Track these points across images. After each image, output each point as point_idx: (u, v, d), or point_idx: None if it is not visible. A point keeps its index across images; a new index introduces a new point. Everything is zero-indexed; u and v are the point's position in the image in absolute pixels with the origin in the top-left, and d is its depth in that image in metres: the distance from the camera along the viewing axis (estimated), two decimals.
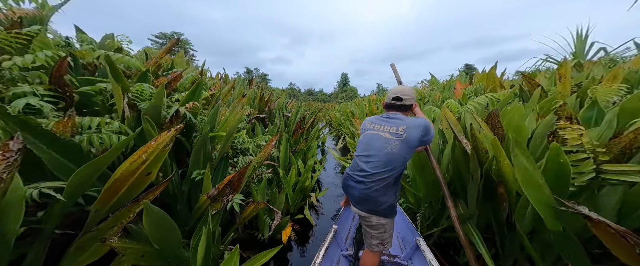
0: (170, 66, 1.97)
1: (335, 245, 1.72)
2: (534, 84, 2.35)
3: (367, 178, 1.13)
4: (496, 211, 1.38)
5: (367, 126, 1.27)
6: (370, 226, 1.18)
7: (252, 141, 2.79)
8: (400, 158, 1.12)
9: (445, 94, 3.98)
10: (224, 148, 1.67)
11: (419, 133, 1.13)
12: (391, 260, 1.59)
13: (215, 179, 1.67)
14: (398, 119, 1.18)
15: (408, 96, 1.21)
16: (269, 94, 4.92)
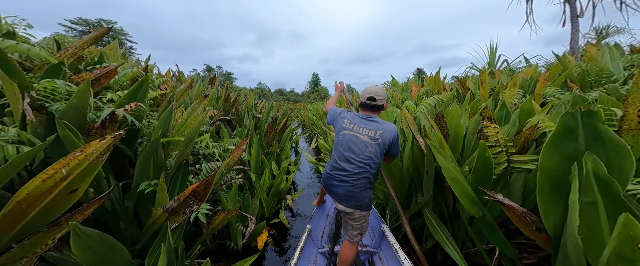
0: (99, 60, 1.61)
1: (311, 244, 1.75)
2: (466, 87, 2.82)
3: (350, 176, 1.20)
4: (446, 202, 1.59)
5: (346, 124, 1.28)
6: (353, 219, 1.25)
7: (218, 145, 2.54)
8: (377, 159, 1.21)
9: (404, 95, 4.43)
10: (182, 154, 1.45)
11: (392, 137, 1.22)
12: (363, 249, 1.67)
13: (173, 190, 1.44)
14: (376, 122, 1.24)
15: (381, 97, 1.27)
16: (235, 94, 4.56)
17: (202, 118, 1.52)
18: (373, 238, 1.82)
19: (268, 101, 7.79)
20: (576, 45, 5.29)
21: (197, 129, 1.51)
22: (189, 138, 1.45)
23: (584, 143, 0.90)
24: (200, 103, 1.79)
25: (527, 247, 1.45)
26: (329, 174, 1.27)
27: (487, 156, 1.24)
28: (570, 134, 0.92)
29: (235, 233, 1.99)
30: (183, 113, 1.71)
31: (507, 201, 1.05)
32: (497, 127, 1.33)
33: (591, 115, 0.90)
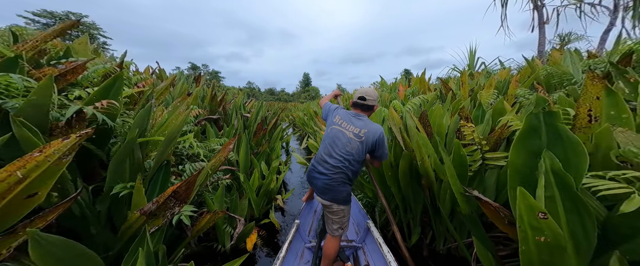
0: (64, 54, 1.47)
1: (298, 239, 1.79)
2: (448, 88, 2.94)
3: (329, 170, 1.25)
4: (425, 198, 1.65)
5: (336, 120, 1.34)
6: (332, 212, 1.31)
7: (203, 145, 2.45)
8: (358, 157, 1.24)
9: (392, 95, 4.53)
10: (162, 155, 1.37)
11: (375, 138, 1.24)
12: (349, 244, 1.73)
13: (152, 193, 1.36)
14: (363, 121, 1.29)
15: (371, 97, 1.33)
16: (222, 92, 4.42)
17: (184, 117, 1.45)
18: (358, 234, 1.87)
19: (258, 101, 7.64)
20: (543, 49, 5.72)
21: (179, 128, 1.43)
22: (169, 137, 1.38)
23: (547, 141, 0.96)
24: (183, 101, 1.71)
25: (502, 239, 1.52)
26: (313, 166, 1.33)
27: (462, 154, 1.30)
28: (534, 133, 0.98)
29: (222, 235, 1.92)
30: (164, 112, 1.62)
31: (483, 197, 1.10)
32: (472, 126, 1.39)
33: (552, 115, 0.96)
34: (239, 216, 1.98)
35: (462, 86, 2.71)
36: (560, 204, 0.85)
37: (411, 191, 1.69)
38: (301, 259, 1.64)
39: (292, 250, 1.62)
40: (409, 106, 2.24)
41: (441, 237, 1.73)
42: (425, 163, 1.43)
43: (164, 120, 1.52)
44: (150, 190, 1.39)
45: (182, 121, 1.44)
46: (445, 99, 2.83)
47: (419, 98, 2.32)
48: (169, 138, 1.37)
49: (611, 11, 5.76)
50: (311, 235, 1.92)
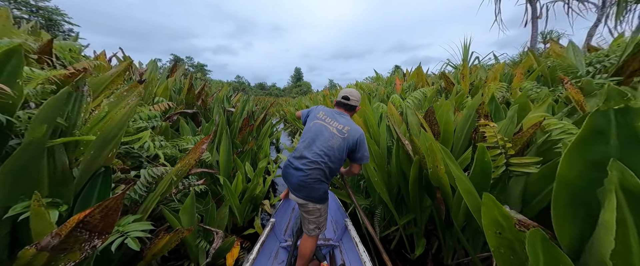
0: None
1: (273, 238, 1.73)
2: (449, 81, 2.72)
3: (306, 165, 1.19)
4: (437, 211, 1.41)
5: (320, 115, 1.31)
6: (308, 211, 1.26)
7: (171, 144, 2.05)
8: (338, 154, 1.21)
9: (388, 89, 4.30)
10: (95, 159, 1.00)
11: (357, 136, 1.22)
12: (326, 243, 1.70)
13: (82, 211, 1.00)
14: (346, 119, 1.28)
15: (354, 98, 1.32)
16: (201, 84, 3.93)
17: (129, 110, 1.07)
18: (336, 232, 1.84)
19: (246, 94, 7.12)
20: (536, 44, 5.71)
21: (121, 124, 1.06)
22: (105, 136, 1.01)
23: (617, 148, 0.72)
24: (132, 90, 1.31)
25: None
26: (289, 162, 1.28)
27: (487, 161, 1.07)
28: (599, 137, 0.74)
29: (194, 252, 1.59)
30: (102, 103, 1.22)
31: (520, 216, 0.87)
32: (495, 126, 1.15)
33: (628, 113, 0.72)
34: (215, 229, 1.65)
35: (462, 79, 2.50)
36: (635, 232, 0.61)
37: (418, 201, 1.45)
38: (275, 259, 1.58)
39: (265, 250, 1.55)
40: (410, 100, 1.99)
41: (450, 250, 1.52)
42: (440, 172, 1.18)
43: (101, 114, 1.13)
44: (81, 206, 1.02)
45: (126, 115, 1.06)
46: (444, 94, 2.62)
47: (420, 91, 2.07)
48: (106, 137, 1.00)
49: (599, 8, 5.85)
50: (287, 233, 1.86)
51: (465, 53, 4.94)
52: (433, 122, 1.47)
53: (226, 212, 1.88)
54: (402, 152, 1.42)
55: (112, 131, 1.02)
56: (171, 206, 1.56)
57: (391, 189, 1.67)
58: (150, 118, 1.95)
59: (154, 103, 2.32)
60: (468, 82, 2.46)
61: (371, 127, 1.86)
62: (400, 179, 1.54)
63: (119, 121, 1.04)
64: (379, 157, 1.63)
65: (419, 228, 1.52)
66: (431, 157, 1.19)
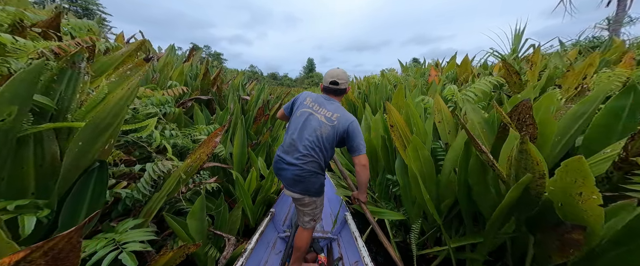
0: None
1: (271, 228, 1.73)
2: (512, 71, 2.23)
3: (299, 159, 1.13)
4: (541, 246, 1.01)
5: (307, 102, 1.22)
6: (303, 205, 1.21)
7: (183, 133, 1.85)
8: (329, 143, 1.13)
9: (420, 81, 3.83)
10: (87, 152, 0.79)
11: (347, 124, 1.13)
12: (324, 235, 1.69)
13: (72, 214, 0.80)
14: (335, 105, 1.18)
15: (343, 81, 1.22)
16: (217, 70, 3.73)
17: (128, 93, 0.84)
18: (335, 225, 1.81)
19: (259, 83, 6.91)
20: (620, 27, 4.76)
21: (120, 109, 0.83)
22: (99, 124, 0.78)
23: None
24: (136, 69, 1.07)
25: None
26: (279, 157, 1.22)
27: None
28: None
29: (203, 260, 1.40)
30: (101, 83, 1.00)
31: None
32: None
33: None
34: (227, 234, 1.46)
35: (531, 68, 2.02)
36: None
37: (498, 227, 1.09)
38: (273, 249, 1.59)
39: (263, 240, 1.55)
40: (470, 93, 1.59)
41: None
42: (588, 205, 0.71)
43: (99, 96, 0.90)
44: (68, 210, 0.82)
45: (125, 99, 0.83)
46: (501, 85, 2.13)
47: (486, 81, 1.64)
48: (98, 125, 0.77)
49: None
50: (286, 224, 1.86)
51: (517, 41, 4.26)
52: (524, 122, 1.07)
53: (239, 214, 1.68)
54: (474, 162, 1.08)
55: (107, 117, 0.80)
56: (179, 207, 1.37)
57: (439, 201, 1.35)
58: (162, 104, 1.76)
59: (167, 87, 2.13)
60: (537, 72, 1.98)
61: (415, 126, 1.51)
62: (463, 194, 1.21)
63: (115, 106, 0.81)
64: (426, 163, 1.31)
65: (480, 255, 1.20)
66: (566, 180, 0.74)
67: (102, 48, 1.83)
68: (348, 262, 1.45)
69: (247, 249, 1.30)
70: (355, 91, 4.96)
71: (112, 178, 1.11)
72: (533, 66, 2.01)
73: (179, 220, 1.14)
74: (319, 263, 1.49)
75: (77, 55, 0.93)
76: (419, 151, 1.27)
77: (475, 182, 1.10)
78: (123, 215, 1.16)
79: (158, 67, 2.65)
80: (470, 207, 1.24)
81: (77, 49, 0.92)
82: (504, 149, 1.03)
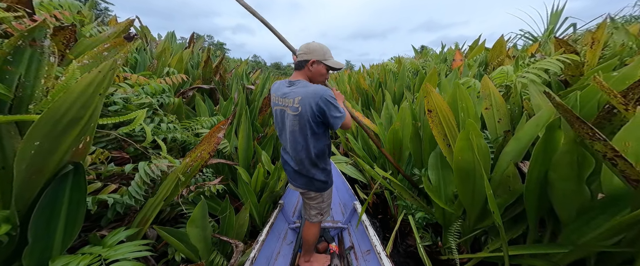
0: None
1: (281, 220, 1.73)
2: (570, 49, 1.88)
3: (292, 159, 1.09)
4: None
5: (273, 99, 1.09)
6: (309, 198, 1.19)
7: (184, 126, 1.67)
8: (306, 135, 0.99)
9: (441, 67, 3.48)
10: (47, 153, 0.61)
11: (314, 101, 0.93)
12: (334, 225, 1.69)
13: (37, 233, 0.65)
14: (295, 88, 1.00)
15: (302, 51, 1.00)
16: (219, 57, 3.48)
17: (98, 78, 0.63)
18: (344, 214, 1.83)
19: (263, 72, 6.63)
20: None
21: (88, 99, 0.63)
22: (60, 117, 0.59)
23: None
24: (115, 49, 0.86)
25: None
26: (281, 154, 1.20)
27: None
28: None
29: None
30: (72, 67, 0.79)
31: None
32: None
33: None
34: (234, 240, 1.31)
35: (592, 46, 1.68)
36: None
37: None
38: (284, 240, 1.59)
39: (274, 231, 1.56)
40: (532, 74, 1.28)
41: None
42: None
43: (70, 81, 0.70)
44: (41, 224, 0.66)
45: (95, 85, 0.62)
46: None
47: (557, 59, 1.31)
48: (58, 119, 0.58)
49: None
50: (295, 215, 1.86)
51: (554, 20, 3.76)
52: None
53: (246, 217, 1.52)
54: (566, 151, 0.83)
55: (71, 109, 0.60)
56: (179, 211, 1.21)
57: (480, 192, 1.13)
58: (157, 93, 1.56)
59: (164, 75, 1.93)
60: (599, 50, 1.65)
61: (462, 111, 1.22)
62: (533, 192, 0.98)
63: (81, 94, 0.61)
64: (482, 153, 1.05)
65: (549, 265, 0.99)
66: None
67: (93, 33, 1.62)
68: (360, 251, 1.45)
69: (259, 240, 1.32)
70: (366, 79, 4.64)
71: (99, 180, 0.94)
72: (595, 44, 1.66)
73: (175, 230, 0.98)
74: (331, 252, 1.47)
75: (37, 30, 0.73)
76: (474, 139, 1.01)
77: (560, 178, 0.87)
78: (115, 222, 1.02)
79: (156, 54, 2.44)
80: (540, 208, 1.02)
81: (37, 23, 0.71)
82: (623, 138, 0.77)
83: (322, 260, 1.38)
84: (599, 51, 1.67)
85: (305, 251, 1.34)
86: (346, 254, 1.45)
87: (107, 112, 1.17)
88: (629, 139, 0.77)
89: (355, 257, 1.44)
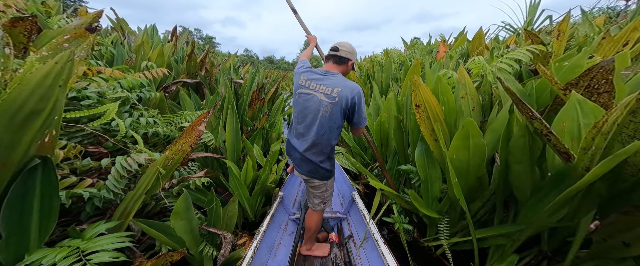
0: None
1: (281, 211, 1.74)
2: (537, 40, 1.92)
3: (306, 144, 1.09)
4: None
5: (302, 81, 1.12)
6: (313, 187, 1.20)
7: (167, 120, 1.64)
8: (335, 122, 1.05)
9: (426, 59, 3.49)
10: (12, 146, 0.59)
11: (352, 95, 1.02)
12: (333, 215, 1.71)
13: (18, 226, 0.64)
14: (335, 78, 1.06)
15: (345, 49, 1.11)
16: (205, 51, 3.36)
17: (55, 68, 0.60)
18: (343, 205, 1.86)
19: (254, 67, 6.47)
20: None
21: (47, 90, 0.60)
22: (17, 110, 0.57)
23: None
24: (76, 41, 0.82)
25: None
26: (288, 141, 1.22)
27: None
28: None
29: (198, 260, 1.29)
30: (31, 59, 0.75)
31: None
32: None
33: None
34: (222, 231, 1.33)
35: (558, 37, 1.73)
36: None
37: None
38: (285, 230, 1.61)
39: (275, 222, 1.58)
40: (504, 64, 1.31)
41: None
42: None
43: (28, 73, 0.67)
44: (13, 219, 0.65)
45: (52, 75, 0.60)
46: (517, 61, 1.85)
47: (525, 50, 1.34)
48: (15, 112, 0.56)
49: None
50: (295, 206, 1.88)
51: (532, 12, 3.82)
52: (597, 89, 0.84)
53: (235, 208, 1.53)
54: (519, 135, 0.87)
55: (28, 101, 0.58)
56: (163, 205, 1.21)
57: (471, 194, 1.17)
58: (135, 87, 1.51)
59: (142, 69, 1.86)
60: (564, 42, 1.70)
61: (444, 104, 1.25)
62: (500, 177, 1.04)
63: (38, 86, 0.59)
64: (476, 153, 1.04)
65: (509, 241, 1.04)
66: None
67: (62, 24, 1.52)
68: (358, 239, 1.48)
69: (260, 231, 1.34)
70: (356, 72, 4.61)
71: (74, 174, 0.92)
72: (560, 36, 1.71)
73: (157, 223, 0.98)
74: (331, 241, 1.51)
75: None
76: (472, 138, 0.99)
77: (516, 160, 0.92)
78: (96, 217, 1.01)
79: (134, 48, 2.33)
80: (504, 191, 1.08)
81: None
82: (560, 119, 0.82)
83: (322, 248, 1.41)
84: (565, 42, 1.72)
85: (307, 239, 1.36)
86: (345, 243, 1.47)
87: (80, 107, 1.13)
88: (565, 120, 0.83)
89: (354, 246, 1.46)
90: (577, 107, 0.80)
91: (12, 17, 0.98)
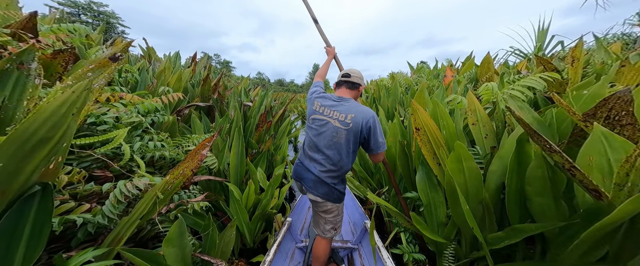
0: None
1: (289, 238, 1.66)
2: (550, 67, 1.88)
3: (317, 167, 1.10)
4: None
5: (316, 107, 1.14)
6: (325, 211, 1.17)
7: (175, 143, 1.69)
8: (349, 149, 1.06)
9: (433, 83, 3.52)
10: (15, 173, 0.61)
11: (365, 121, 1.03)
12: (344, 245, 1.61)
13: (1, 260, 0.62)
14: (348, 105, 1.08)
15: (356, 75, 1.17)
16: (219, 75, 3.64)
17: (76, 97, 0.66)
18: (354, 234, 1.77)
19: (264, 89, 6.86)
20: None
21: (60, 119, 0.65)
22: (28, 136, 0.60)
23: None
24: (99, 70, 0.91)
25: None
26: (299, 162, 1.20)
27: None
28: None
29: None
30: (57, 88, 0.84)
31: None
32: None
33: None
34: (216, 259, 1.23)
35: (573, 64, 1.69)
36: None
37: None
38: (291, 260, 1.53)
39: (282, 250, 1.49)
40: (516, 92, 1.27)
41: None
42: None
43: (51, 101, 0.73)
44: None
45: (68, 105, 0.65)
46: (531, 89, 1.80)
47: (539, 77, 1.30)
48: (25, 140, 0.59)
49: None
50: (303, 233, 1.80)
51: (541, 37, 3.84)
52: (619, 121, 0.76)
53: (232, 234, 1.45)
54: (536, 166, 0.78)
55: (40, 129, 0.61)
56: (157, 231, 1.17)
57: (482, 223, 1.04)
58: (150, 112, 1.61)
59: (160, 94, 2.01)
60: (580, 69, 1.65)
61: (444, 129, 1.23)
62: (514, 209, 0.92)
63: (53, 114, 0.63)
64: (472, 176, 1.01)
65: None
66: None
67: (99, 55, 1.74)
68: None
69: (266, 261, 1.27)
70: (363, 95, 4.72)
71: (74, 199, 0.93)
72: (575, 62, 1.68)
73: (145, 251, 0.93)
74: None
75: (26, 53, 0.78)
76: (464, 162, 0.99)
77: (536, 192, 0.82)
78: (87, 243, 0.98)
79: (157, 74, 2.58)
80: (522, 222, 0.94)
81: (26, 47, 0.76)
82: (586, 153, 0.73)
83: None
84: (581, 69, 1.67)
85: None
86: None
87: (96, 132, 1.20)
88: (591, 153, 0.75)
89: None
90: (603, 140, 0.72)
91: (54, 50, 1.12)
